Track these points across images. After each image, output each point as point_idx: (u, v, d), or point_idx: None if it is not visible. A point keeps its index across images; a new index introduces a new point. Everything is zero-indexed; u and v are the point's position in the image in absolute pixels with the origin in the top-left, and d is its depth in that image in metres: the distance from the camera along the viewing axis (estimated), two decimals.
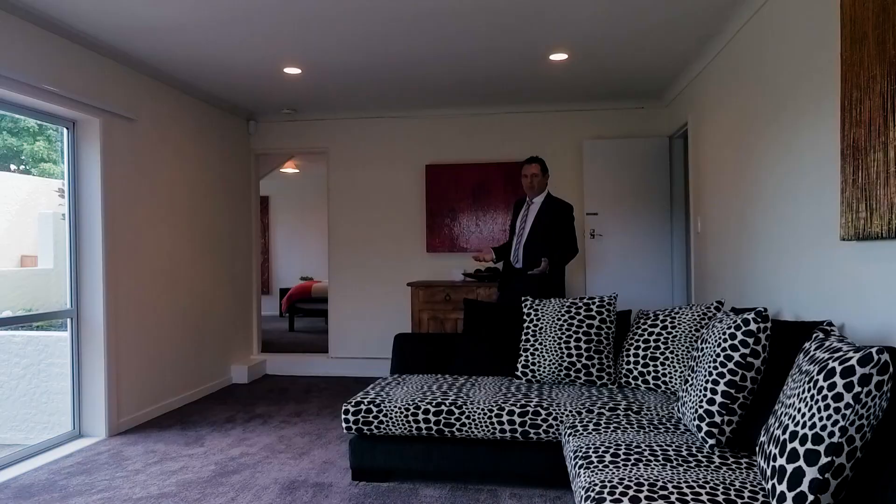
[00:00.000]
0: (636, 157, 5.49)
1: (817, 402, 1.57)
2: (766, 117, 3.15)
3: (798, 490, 1.55)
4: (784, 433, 1.66)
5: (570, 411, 2.86)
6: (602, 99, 5.41)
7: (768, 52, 3.13)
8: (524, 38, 3.84)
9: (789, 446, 1.61)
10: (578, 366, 3.29)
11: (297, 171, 9.21)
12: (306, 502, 2.86)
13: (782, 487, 1.59)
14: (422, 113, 5.82)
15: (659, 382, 3.10)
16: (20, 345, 4.18)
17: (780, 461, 1.63)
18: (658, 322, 3.22)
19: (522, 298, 3.64)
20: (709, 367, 2.29)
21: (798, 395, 1.68)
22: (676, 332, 3.12)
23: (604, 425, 2.55)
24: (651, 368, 3.13)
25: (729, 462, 2.07)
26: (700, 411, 2.26)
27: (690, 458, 2.10)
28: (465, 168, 5.73)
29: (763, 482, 1.78)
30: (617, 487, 1.87)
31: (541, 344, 3.39)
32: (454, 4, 3.29)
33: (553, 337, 3.37)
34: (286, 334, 8.24)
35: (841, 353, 1.60)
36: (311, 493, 2.97)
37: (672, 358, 3.08)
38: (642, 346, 3.21)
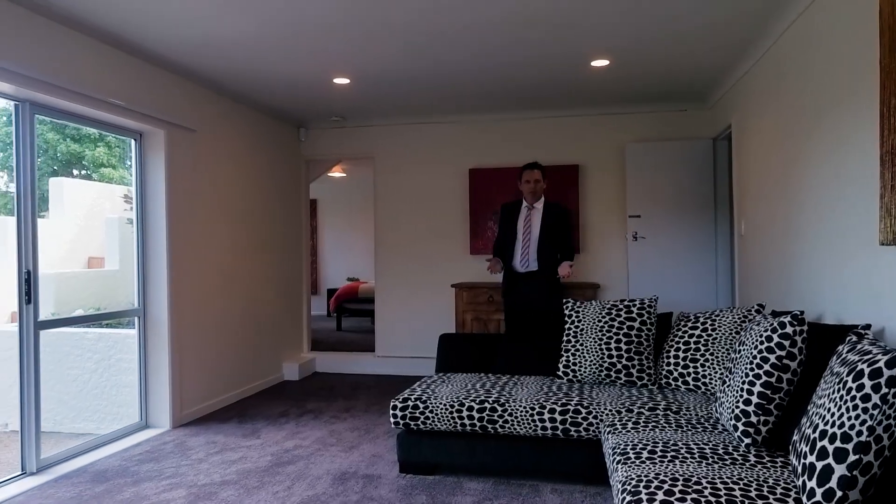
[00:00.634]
0: (679, 159, 5.49)
1: (846, 402, 1.64)
2: (809, 121, 3.17)
3: (827, 486, 1.62)
4: (814, 432, 1.72)
5: (610, 410, 2.95)
6: (645, 102, 5.44)
7: (810, 57, 3.14)
8: (565, 46, 3.93)
9: (819, 444, 1.68)
10: (619, 366, 3.37)
11: (345, 175, 9.47)
12: (357, 492, 3.02)
13: (812, 484, 1.66)
14: (465, 118, 5.96)
15: (699, 383, 3.16)
16: (92, 341, 4.49)
17: (811, 458, 1.70)
18: (699, 324, 3.27)
19: (565, 302, 3.73)
20: (745, 368, 2.36)
21: (828, 395, 1.74)
22: (717, 334, 3.16)
23: (642, 424, 2.63)
24: (691, 369, 3.19)
25: (764, 461, 2.13)
26: (737, 411, 2.33)
27: (726, 457, 2.17)
28: (507, 171, 5.83)
29: (795, 479, 1.85)
30: (653, 482, 1.96)
31: (582, 345, 3.48)
32: (496, 16, 3.41)
33: (594, 338, 3.46)
34: (334, 333, 8.50)
35: (870, 356, 1.66)
36: (362, 483, 3.14)
37: (712, 359, 3.13)
38: (682, 347, 3.27)
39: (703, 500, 1.80)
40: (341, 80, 4.63)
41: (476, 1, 3.19)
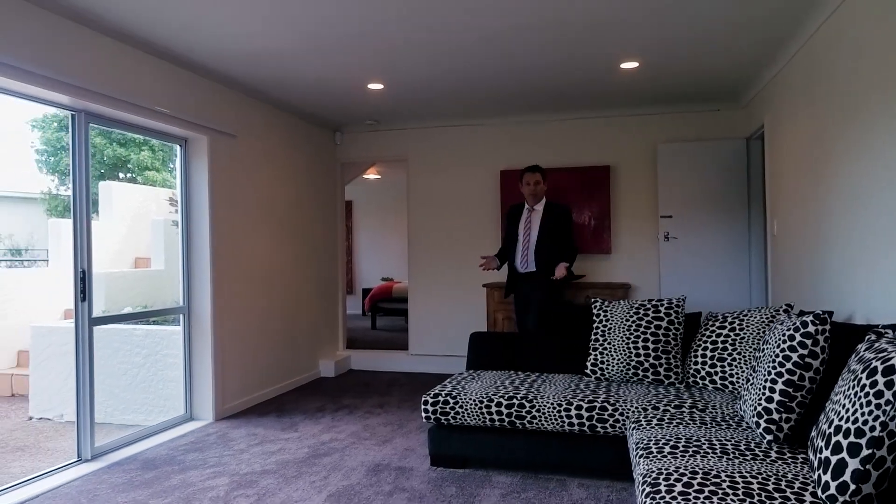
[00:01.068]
0: (712, 159, 5.48)
1: (860, 398, 1.68)
2: (842, 120, 3.17)
3: (841, 480, 1.67)
4: (830, 427, 1.77)
5: (636, 407, 3.01)
6: (676, 102, 5.44)
7: (842, 55, 3.14)
8: (594, 49, 3.99)
9: (833, 439, 1.73)
10: (646, 365, 3.42)
11: (379, 176, 9.64)
12: (390, 483, 3.15)
13: (826, 477, 1.71)
14: (496, 120, 6.05)
15: (726, 382, 3.19)
16: (140, 337, 4.73)
17: (826, 453, 1.75)
18: (726, 324, 3.30)
19: (593, 302, 3.79)
20: (768, 366, 2.40)
21: (844, 392, 1.79)
22: (744, 333, 3.19)
23: (667, 421, 2.69)
24: (718, 368, 3.22)
25: (785, 457, 2.18)
26: (759, 408, 2.37)
27: (747, 452, 2.22)
28: None
29: (812, 473, 1.89)
30: (672, 475, 2.03)
31: (609, 343, 3.54)
32: (526, 22, 3.49)
33: (621, 337, 3.51)
34: (369, 332, 8.67)
35: (885, 354, 1.70)
36: (394, 475, 3.26)
37: (739, 359, 3.16)
38: (710, 346, 3.30)
39: (720, 492, 1.87)
40: (376, 86, 4.77)
41: (508, 8, 3.28)
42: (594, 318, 3.69)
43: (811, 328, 2.27)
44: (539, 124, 6.00)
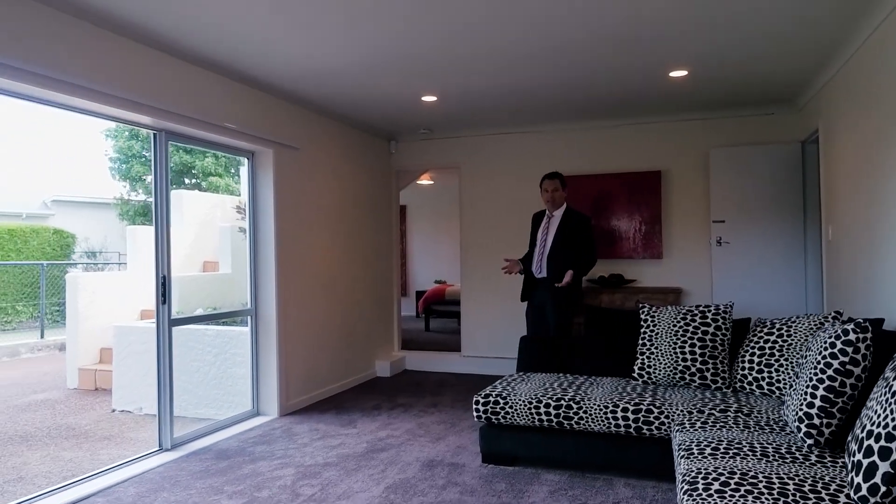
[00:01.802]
0: (766, 163, 5.45)
1: (891, 404, 1.76)
2: None
3: (872, 482, 1.75)
4: (863, 432, 1.85)
5: (682, 411, 3.09)
6: (728, 107, 5.44)
7: None
8: (643, 60, 4.07)
9: (866, 443, 1.81)
10: (693, 369, 3.49)
11: (432, 182, 9.87)
12: (443, 478, 3.33)
13: (859, 479, 1.80)
14: (547, 127, 6.16)
15: (773, 388, 3.23)
16: (211, 337, 5.07)
17: (858, 456, 1.83)
18: (774, 330, 3.35)
19: (641, 307, 3.88)
20: (810, 373, 2.46)
21: (877, 398, 1.86)
22: (792, 340, 3.23)
23: (710, 424, 2.78)
24: (766, 374, 3.27)
25: (825, 460, 2.25)
26: (800, 413, 2.44)
27: (787, 455, 2.30)
28: (588, 179, 5.99)
29: (846, 476, 1.97)
30: (711, 474, 2.13)
31: (657, 348, 3.63)
32: (578, 37, 3.62)
33: (669, 342, 3.60)
34: (422, 334, 8.90)
35: None
36: (447, 470, 3.45)
37: (786, 365, 3.20)
38: (758, 352, 3.35)
39: (755, 491, 1.97)
40: (429, 98, 4.97)
41: (560, 25, 3.42)
42: (642, 323, 3.78)
43: (852, 336, 2.33)
44: (589, 131, 6.09)
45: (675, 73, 4.39)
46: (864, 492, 1.76)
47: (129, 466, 3.59)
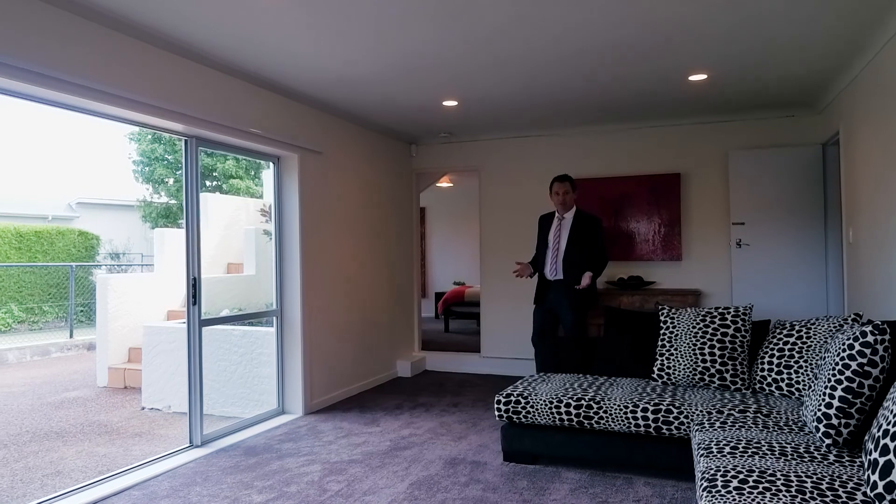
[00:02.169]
0: (786, 166, 5.46)
1: None
2: None
3: (888, 480, 1.79)
4: (879, 431, 1.90)
5: (701, 411, 3.14)
6: (748, 110, 5.45)
7: None
8: (662, 64, 4.12)
9: (882, 442, 1.85)
10: (713, 370, 3.53)
11: (451, 184, 9.95)
12: (466, 475, 3.41)
13: (875, 477, 1.84)
14: (566, 131, 6.22)
15: (792, 389, 3.27)
16: (238, 337, 5.20)
17: (875, 455, 1.88)
18: (794, 332, 3.38)
19: (660, 308, 3.93)
20: (829, 374, 2.50)
21: (893, 398, 1.91)
22: (811, 342, 3.26)
23: (730, 424, 2.82)
24: (785, 375, 3.31)
25: (843, 460, 2.29)
26: (819, 413, 2.48)
27: (805, 455, 2.35)
28: (607, 181, 6.03)
29: (863, 474, 2.02)
30: (729, 472, 2.19)
31: (676, 349, 3.68)
32: (598, 44, 3.68)
33: (688, 343, 3.64)
34: (442, 335, 8.98)
35: None
36: (470, 468, 3.53)
37: (806, 366, 3.23)
38: (777, 353, 3.39)
39: (773, 488, 2.02)
40: (450, 103, 5.06)
41: (581, 32, 3.48)
42: (661, 324, 3.83)
43: (870, 338, 2.37)
44: (609, 134, 6.13)
45: (694, 77, 4.42)
46: (879, 489, 1.81)
47: (162, 462, 3.72)
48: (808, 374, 3.21)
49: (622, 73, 4.28)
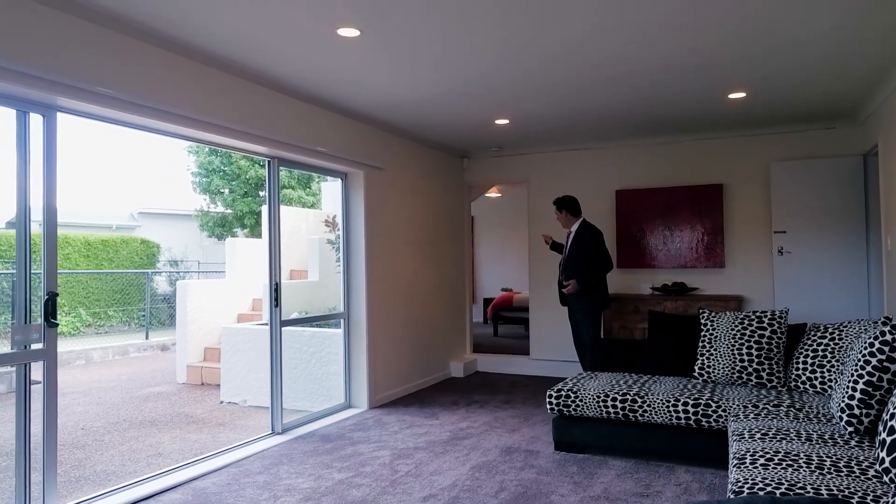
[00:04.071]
0: (827, 176, 5.65)
1: None
2: None
3: (894, 455, 2.09)
4: (887, 415, 2.20)
5: (738, 405, 3.43)
6: (788, 122, 5.67)
7: None
8: (703, 84, 4.42)
9: (889, 424, 2.15)
10: (750, 369, 3.81)
11: (500, 194, 10.33)
12: (521, 461, 3.78)
13: (883, 454, 2.14)
14: (611, 144, 6.53)
15: (825, 387, 3.53)
16: (307, 338, 5.69)
17: (883, 435, 2.17)
18: (827, 334, 3.64)
19: (701, 312, 4.21)
20: (852, 369, 2.79)
21: None
22: (843, 342, 3.52)
23: (763, 415, 3.12)
24: (818, 374, 3.57)
25: (863, 445, 2.57)
26: (842, 404, 2.77)
27: (829, 440, 2.64)
28: (652, 192, 6.32)
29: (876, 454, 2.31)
30: (757, 452, 2.50)
31: (716, 349, 3.97)
32: (642, 67, 4.02)
33: (727, 344, 3.93)
34: (491, 339, 9.35)
35: None
36: (524, 455, 3.89)
37: (837, 365, 3.49)
38: (811, 354, 3.65)
39: (795, 465, 2.33)
40: (502, 121, 5.46)
41: (626, 58, 3.83)
42: (702, 326, 4.12)
43: (888, 336, 2.65)
44: (652, 146, 6.42)
45: (734, 95, 4.71)
46: (886, 464, 2.11)
47: (249, 446, 4.20)
48: (838, 372, 3.47)
49: (664, 91, 4.60)
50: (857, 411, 2.70)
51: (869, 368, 2.69)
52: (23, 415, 2.91)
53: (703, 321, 4.14)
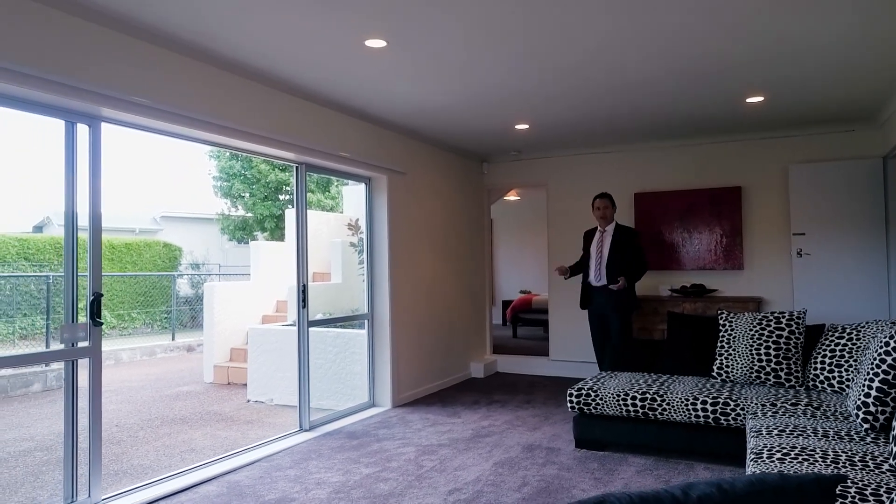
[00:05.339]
0: (846, 178, 5.68)
1: None
2: None
3: None
4: None
5: (756, 403, 3.51)
6: (806, 125, 5.71)
7: None
8: (721, 89, 4.49)
9: None
10: (768, 369, 3.88)
11: (518, 198, 10.43)
12: (542, 458, 3.88)
13: (895, 448, 2.22)
14: (629, 147, 6.61)
15: (843, 386, 3.59)
16: (332, 338, 5.84)
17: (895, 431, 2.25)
18: (845, 334, 3.69)
19: (719, 313, 4.28)
20: (868, 368, 2.85)
21: None
22: (861, 343, 3.57)
23: (780, 413, 3.19)
24: (836, 373, 3.63)
25: (878, 441, 2.64)
26: (859, 402, 2.83)
27: (845, 437, 2.71)
28: (670, 195, 6.38)
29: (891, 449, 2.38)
30: (774, 447, 2.58)
31: (734, 350, 4.04)
32: (660, 74, 4.11)
33: (745, 344, 4.00)
34: (510, 340, 9.45)
35: None
36: (545, 452, 3.99)
37: (855, 365, 3.55)
38: (829, 354, 3.71)
39: (810, 459, 2.41)
40: (522, 126, 5.57)
41: (645, 64, 3.93)
42: (720, 327, 4.19)
43: None
44: (670, 149, 6.48)
45: (751, 99, 4.77)
46: None
47: (278, 442, 4.35)
48: (856, 371, 3.53)
49: (682, 97, 4.68)
50: (872, 409, 2.77)
51: (884, 367, 2.75)
52: (70, 409, 3.08)
53: (721, 322, 4.21)
